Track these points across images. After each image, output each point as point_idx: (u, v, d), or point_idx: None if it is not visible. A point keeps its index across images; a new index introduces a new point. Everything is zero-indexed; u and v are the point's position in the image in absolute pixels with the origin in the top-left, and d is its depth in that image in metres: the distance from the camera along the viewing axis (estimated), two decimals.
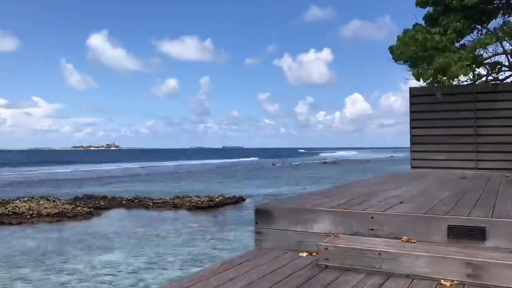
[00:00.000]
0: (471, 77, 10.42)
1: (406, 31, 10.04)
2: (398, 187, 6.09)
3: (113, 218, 15.80)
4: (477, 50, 9.63)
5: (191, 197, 19.85)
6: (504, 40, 9.89)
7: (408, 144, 10.60)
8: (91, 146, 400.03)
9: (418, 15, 10.85)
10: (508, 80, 10.38)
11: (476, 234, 3.48)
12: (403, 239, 3.68)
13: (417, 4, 10.22)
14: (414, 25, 10.13)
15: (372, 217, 3.87)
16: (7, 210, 15.90)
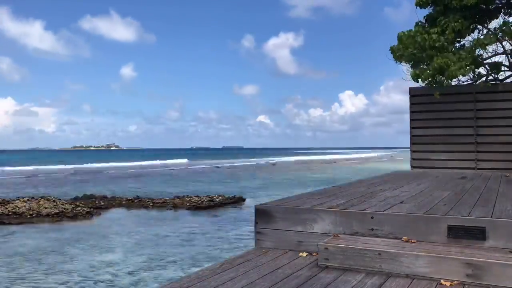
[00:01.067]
0: (471, 77, 10.43)
1: (405, 32, 10.06)
2: (398, 187, 6.09)
3: (113, 218, 15.79)
4: (477, 50, 9.63)
5: (191, 197, 19.86)
6: (504, 40, 9.89)
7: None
8: (91, 146, 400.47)
9: (417, 15, 10.85)
10: (508, 80, 10.39)
11: (476, 234, 3.48)
12: (403, 239, 3.68)
13: (417, 4, 10.22)
14: (415, 26, 10.15)
15: (372, 217, 3.87)
16: (7, 210, 15.89)
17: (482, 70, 10.54)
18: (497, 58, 10.42)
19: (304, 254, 3.88)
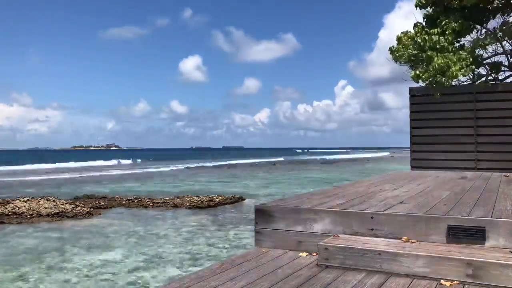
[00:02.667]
0: (471, 77, 10.43)
1: (405, 33, 10.07)
2: (398, 187, 6.09)
3: (113, 218, 15.79)
4: (477, 50, 9.64)
5: (191, 197, 19.87)
6: (504, 40, 9.90)
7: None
8: (91, 146, 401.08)
9: (417, 16, 10.86)
10: (508, 80, 10.39)
11: (476, 234, 3.48)
12: (403, 239, 3.68)
13: (417, 5, 10.23)
14: (413, 26, 10.16)
15: (372, 217, 3.87)
16: (7, 210, 15.89)
17: (482, 70, 10.54)
18: (497, 58, 10.43)
19: (304, 254, 3.88)
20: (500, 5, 10.04)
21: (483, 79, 10.48)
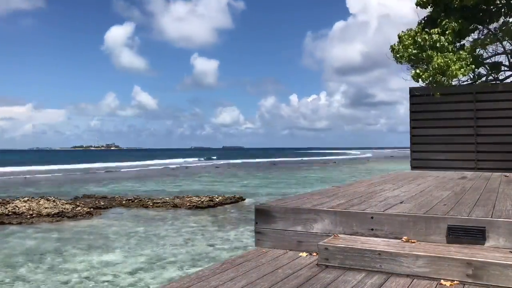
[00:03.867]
0: (471, 77, 10.43)
1: (406, 32, 10.08)
2: (398, 187, 6.09)
3: (113, 218, 15.79)
4: (477, 50, 9.64)
5: (191, 197, 19.86)
6: (504, 40, 9.90)
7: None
8: (91, 146, 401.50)
9: (417, 15, 10.87)
10: (508, 80, 10.39)
11: (476, 234, 3.48)
12: (403, 239, 3.68)
13: (417, 4, 10.23)
14: (417, 25, 10.18)
15: (372, 217, 3.87)
16: (7, 210, 15.89)
17: (482, 70, 10.54)
18: (497, 58, 10.43)
19: (304, 254, 3.88)
20: (501, 5, 10.04)
21: (483, 79, 10.48)
